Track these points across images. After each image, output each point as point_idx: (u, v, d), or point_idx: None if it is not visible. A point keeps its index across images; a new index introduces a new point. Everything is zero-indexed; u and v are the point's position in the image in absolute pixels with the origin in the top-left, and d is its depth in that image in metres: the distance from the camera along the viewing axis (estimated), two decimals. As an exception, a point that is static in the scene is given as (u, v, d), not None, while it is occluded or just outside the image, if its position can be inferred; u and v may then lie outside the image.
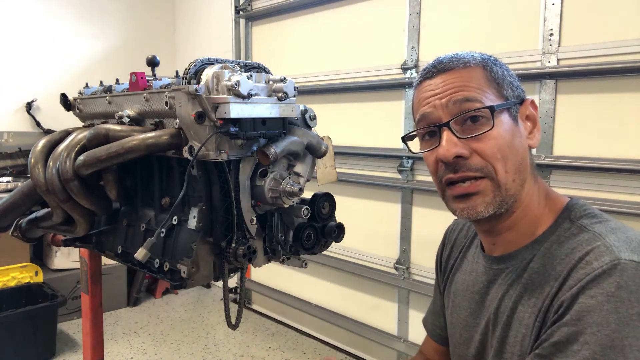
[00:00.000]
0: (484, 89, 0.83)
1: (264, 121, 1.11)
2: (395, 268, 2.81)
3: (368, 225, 2.93)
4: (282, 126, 1.15)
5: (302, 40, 3.34)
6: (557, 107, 2.16)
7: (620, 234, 0.75)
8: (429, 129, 0.86)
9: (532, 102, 0.88)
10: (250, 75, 1.09)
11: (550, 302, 0.75)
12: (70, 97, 1.53)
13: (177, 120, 1.11)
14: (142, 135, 1.12)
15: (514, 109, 0.86)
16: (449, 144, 0.81)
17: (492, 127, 0.81)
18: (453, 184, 0.84)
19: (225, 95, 1.05)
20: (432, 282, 2.61)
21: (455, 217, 0.94)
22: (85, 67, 4.03)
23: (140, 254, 1.08)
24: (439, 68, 0.87)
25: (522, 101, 0.87)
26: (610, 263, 0.69)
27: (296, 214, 1.21)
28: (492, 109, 0.82)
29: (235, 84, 1.04)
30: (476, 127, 0.82)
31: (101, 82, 1.52)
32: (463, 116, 0.82)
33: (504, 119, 0.83)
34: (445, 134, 0.82)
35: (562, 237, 0.80)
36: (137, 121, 1.26)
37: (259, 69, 1.22)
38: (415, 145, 0.94)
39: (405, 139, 0.93)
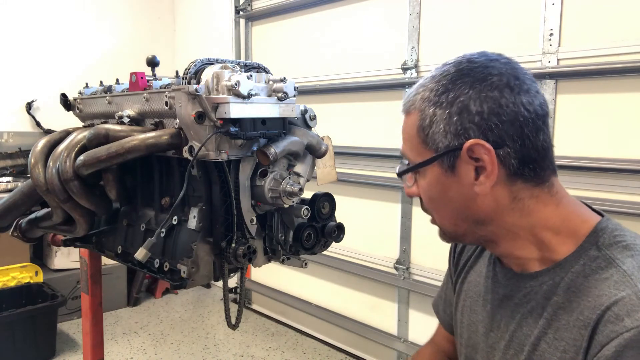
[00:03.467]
0: (413, 142, 0.81)
1: (264, 121, 1.11)
2: (395, 268, 2.81)
3: (368, 225, 2.93)
4: (282, 126, 1.15)
5: (302, 40, 3.34)
6: (557, 107, 2.16)
7: None
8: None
9: (478, 144, 0.72)
10: (250, 75, 1.09)
11: (584, 358, 0.69)
12: (70, 97, 1.53)
13: (177, 120, 1.11)
14: (142, 136, 1.12)
15: (447, 157, 0.76)
16: (406, 188, 0.87)
17: (413, 184, 0.83)
18: None
19: (225, 95, 1.05)
20: (432, 282, 2.63)
21: None
22: (85, 67, 4.03)
23: (140, 254, 1.08)
24: (401, 110, 0.86)
25: (460, 146, 0.74)
26: None
27: (296, 214, 1.21)
28: (399, 175, 0.84)
29: (235, 84, 1.04)
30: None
31: (101, 82, 1.52)
32: None
33: (431, 172, 0.79)
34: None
35: (588, 268, 0.72)
36: (137, 121, 1.26)
37: (259, 69, 1.22)
38: None
39: None
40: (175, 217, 1.17)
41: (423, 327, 2.76)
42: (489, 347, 0.88)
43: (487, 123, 0.72)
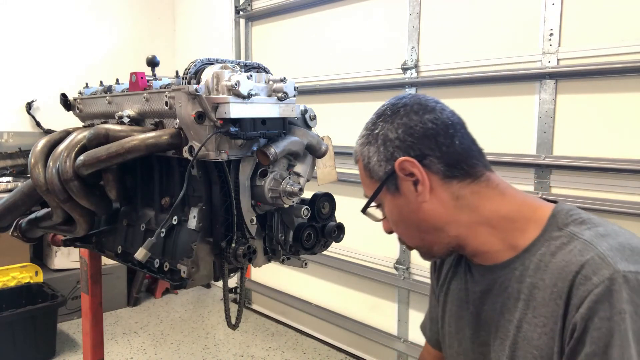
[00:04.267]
0: (367, 182, 0.92)
1: (264, 121, 1.11)
2: (395, 268, 2.81)
3: (368, 225, 2.92)
4: (282, 126, 1.15)
5: (302, 40, 3.34)
6: (557, 107, 2.16)
7: (612, 240, 0.75)
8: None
9: (404, 161, 0.84)
10: (250, 75, 1.09)
11: (562, 324, 0.74)
12: (70, 97, 1.53)
13: (177, 120, 1.11)
14: (142, 136, 1.12)
15: (389, 182, 0.87)
16: (382, 223, 0.97)
17: (384, 218, 0.94)
18: None
19: (225, 95, 1.05)
20: (432, 282, 2.63)
21: None
22: (85, 67, 4.03)
23: (140, 254, 1.08)
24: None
25: (393, 168, 0.86)
26: (610, 278, 0.70)
27: (296, 214, 1.21)
28: (363, 211, 0.94)
29: (235, 84, 1.04)
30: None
31: (101, 82, 1.52)
32: None
33: (385, 200, 0.90)
34: None
35: (554, 246, 0.79)
36: (137, 121, 1.26)
37: (259, 69, 1.22)
38: None
39: None
40: (175, 217, 1.17)
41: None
42: (482, 346, 0.90)
43: (405, 143, 0.86)
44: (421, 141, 0.85)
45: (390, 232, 0.96)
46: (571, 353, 0.72)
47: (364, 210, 0.94)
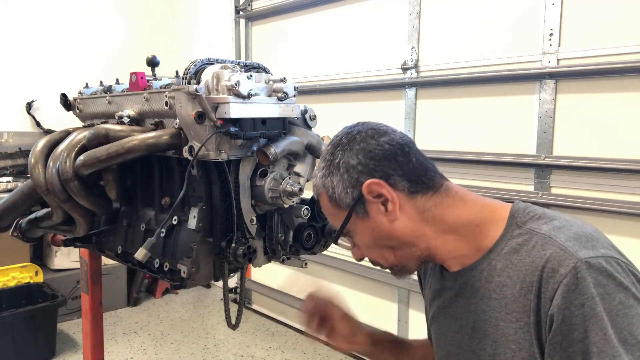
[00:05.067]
0: (333, 213, 0.94)
1: (264, 121, 1.11)
2: (395, 268, 2.81)
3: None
4: (282, 126, 1.15)
5: (302, 40, 3.34)
6: (557, 107, 2.16)
7: (567, 231, 0.81)
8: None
9: (371, 183, 0.87)
10: (250, 75, 1.09)
11: (537, 318, 0.78)
12: (70, 97, 1.53)
13: (177, 120, 1.11)
14: (142, 136, 1.12)
15: (358, 207, 0.89)
16: (352, 253, 1.00)
17: (354, 246, 0.96)
18: None
19: (225, 95, 1.05)
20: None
21: None
22: (85, 67, 4.03)
23: (140, 254, 1.09)
24: (315, 198, 0.98)
25: (360, 193, 0.88)
26: (575, 267, 0.75)
27: (296, 214, 1.21)
28: (335, 242, 0.97)
29: (235, 84, 1.05)
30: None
31: (101, 82, 1.52)
32: None
33: (356, 227, 0.92)
34: None
35: (515, 244, 0.84)
36: (137, 121, 1.26)
37: (259, 69, 1.22)
38: None
39: None
40: (175, 217, 1.17)
41: (423, 327, 2.75)
42: (459, 348, 0.92)
43: (368, 167, 0.88)
44: (382, 162, 0.88)
45: (360, 259, 0.98)
46: (553, 344, 0.75)
47: (335, 241, 0.97)
